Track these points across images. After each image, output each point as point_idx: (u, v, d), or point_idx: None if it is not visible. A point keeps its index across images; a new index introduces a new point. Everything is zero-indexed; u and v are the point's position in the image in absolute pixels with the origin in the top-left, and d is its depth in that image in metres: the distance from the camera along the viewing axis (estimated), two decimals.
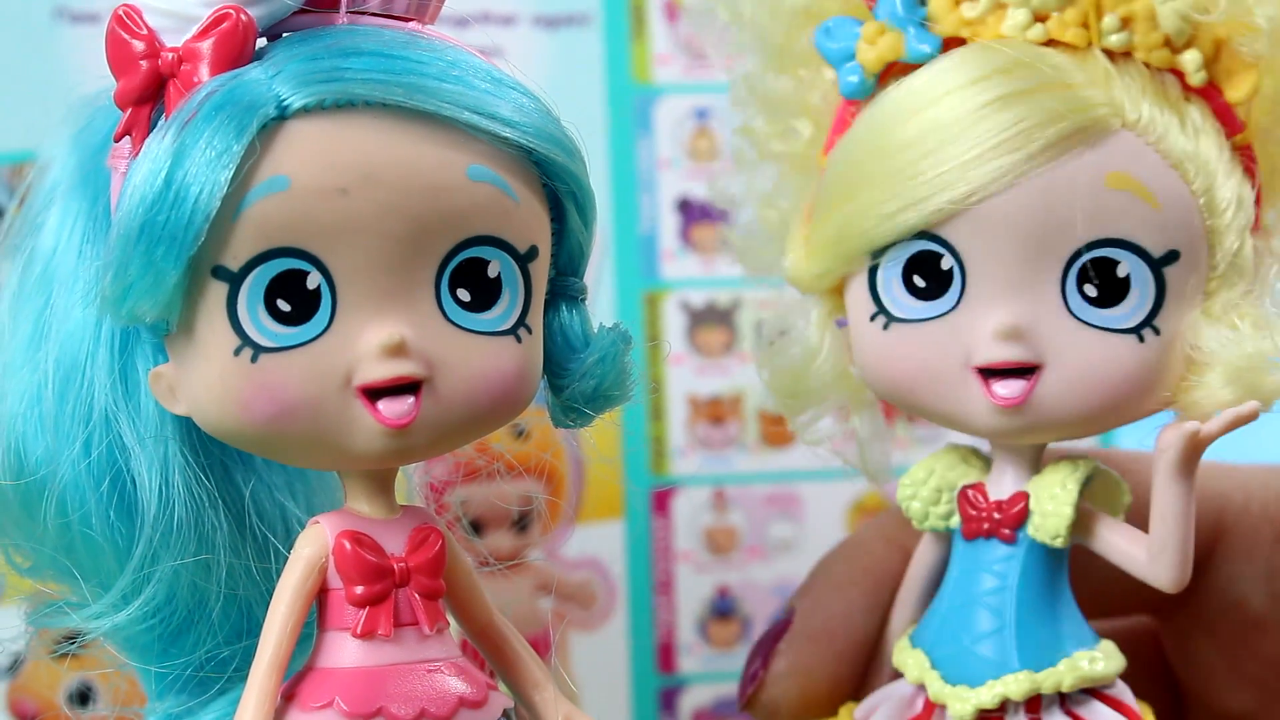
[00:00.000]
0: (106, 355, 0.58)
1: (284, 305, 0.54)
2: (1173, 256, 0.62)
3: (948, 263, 0.62)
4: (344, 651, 0.57)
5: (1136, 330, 0.62)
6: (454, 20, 0.61)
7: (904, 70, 0.64)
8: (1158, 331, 0.63)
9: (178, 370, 0.56)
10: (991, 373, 0.62)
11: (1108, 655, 0.66)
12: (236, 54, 0.54)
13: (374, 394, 0.55)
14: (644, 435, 1.04)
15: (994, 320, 0.62)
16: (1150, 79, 0.63)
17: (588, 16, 1.03)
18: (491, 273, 0.56)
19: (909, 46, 0.63)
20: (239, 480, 0.60)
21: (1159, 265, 0.62)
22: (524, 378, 0.57)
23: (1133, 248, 0.62)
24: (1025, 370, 0.62)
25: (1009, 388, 0.62)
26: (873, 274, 0.63)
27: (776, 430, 1.04)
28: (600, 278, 1.02)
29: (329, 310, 0.54)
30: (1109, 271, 0.62)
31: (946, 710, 0.65)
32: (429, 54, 0.56)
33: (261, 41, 0.55)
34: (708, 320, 1.04)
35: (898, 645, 0.68)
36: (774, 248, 0.70)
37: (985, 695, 0.64)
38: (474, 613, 0.61)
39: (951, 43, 0.63)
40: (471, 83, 0.56)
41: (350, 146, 0.54)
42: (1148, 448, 0.64)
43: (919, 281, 0.63)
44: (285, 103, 0.53)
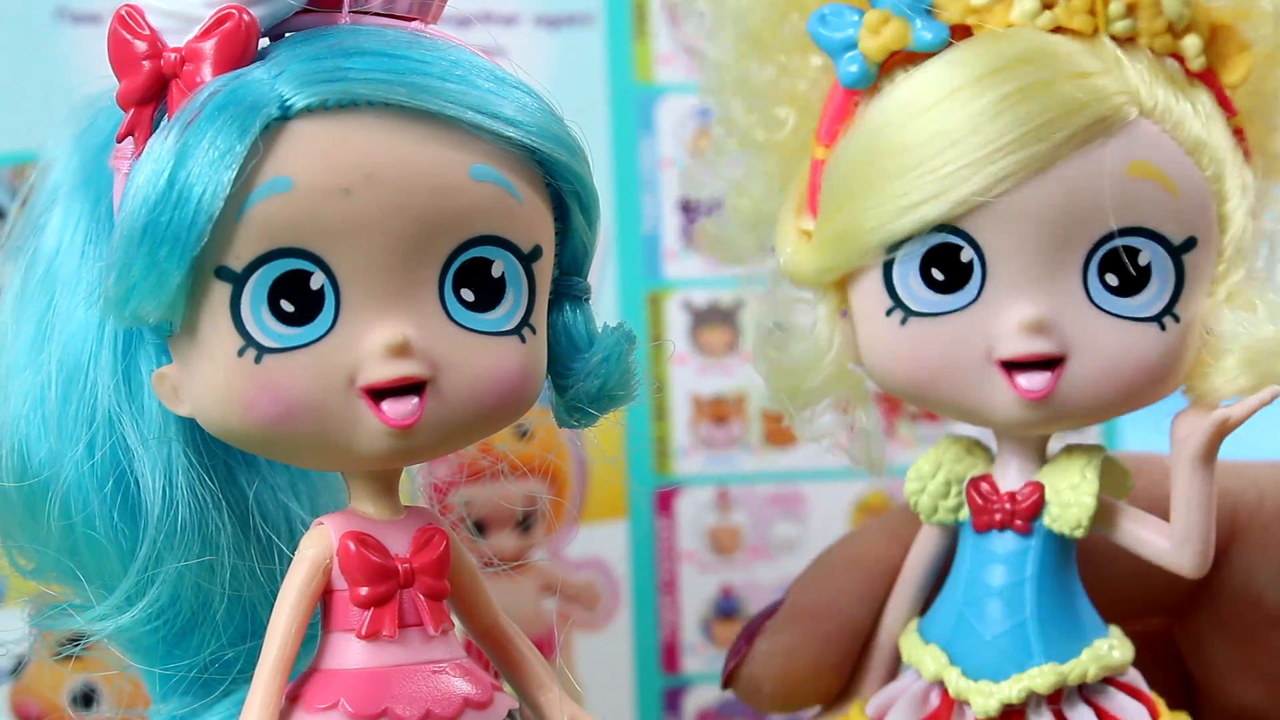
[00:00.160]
0: (110, 356, 0.58)
1: (287, 306, 0.54)
2: (1191, 244, 0.62)
3: (967, 255, 0.62)
4: (349, 653, 0.56)
5: (1158, 318, 0.62)
6: (456, 20, 0.61)
7: (906, 59, 0.63)
8: (1177, 319, 0.63)
9: (181, 371, 0.56)
10: (1014, 365, 0.62)
11: (1121, 641, 0.66)
12: (239, 54, 0.54)
13: (378, 394, 0.54)
14: (647, 435, 1.03)
15: (1018, 313, 0.62)
16: (1158, 65, 0.63)
17: (590, 16, 1.03)
18: (495, 272, 0.56)
19: (916, 35, 0.62)
20: (243, 481, 0.60)
21: (1179, 253, 0.62)
22: (528, 378, 0.57)
23: (1154, 236, 0.62)
24: (1048, 362, 0.62)
25: (1034, 380, 0.62)
26: (888, 268, 0.63)
27: (780, 430, 1.04)
28: (603, 278, 1.02)
29: (332, 311, 0.54)
30: (1130, 260, 0.62)
31: (968, 706, 0.65)
32: (432, 54, 0.56)
33: (264, 41, 0.55)
34: (710, 320, 1.04)
35: (906, 639, 0.68)
36: (749, 238, 0.70)
37: (1010, 689, 0.64)
38: (479, 613, 0.61)
39: (957, 30, 0.63)
40: (475, 82, 0.56)
41: (353, 146, 0.54)
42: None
43: (938, 275, 0.62)
44: (288, 103, 0.53)
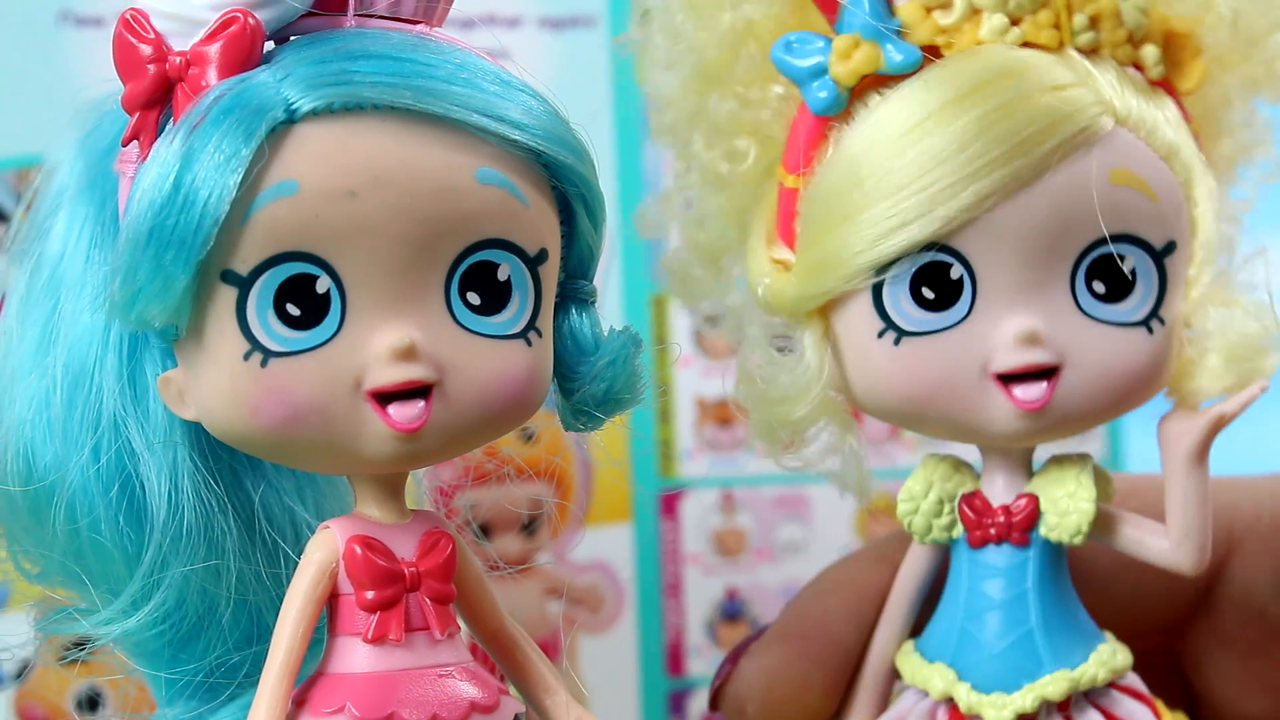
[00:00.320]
0: (115, 360, 0.58)
1: (293, 309, 0.54)
2: (1171, 247, 0.63)
3: (956, 272, 0.62)
4: (355, 657, 0.56)
5: (1145, 322, 0.63)
6: (460, 22, 0.61)
7: (878, 82, 0.63)
8: (1163, 322, 0.63)
9: (187, 375, 0.56)
10: (1010, 377, 0.62)
11: (1121, 645, 0.66)
12: (244, 57, 0.54)
13: (384, 398, 0.54)
14: (652, 438, 1.03)
15: (1012, 325, 0.62)
16: (1124, 74, 0.64)
17: (593, 18, 1.02)
18: (501, 276, 0.56)
19: (888, 58, 0.62)
20: (248, 485, 0.60)
21: (1161, 257, 0.63)
22: (534, 381, 0.57)
23: (1138, 241, 0.63)
24: (1043, 372, 0.62)
25: (1031, 391, 0.62)
26: (877, 290, 0.62)
27: None
28: (607, 280, 1.02)
29: (338, 314, 0.54)
30: (1115, 267, 0.63)
31: (981, 719, 0.65)
32: (437, 56, 0.56)
33: (269, 45, 0.55)
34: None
35: (906, 661, 0.67)
36: (709, 273, 0.69)
37: (1024, 699, 0.64)
38: (485, 617, 0.61)
39: (925, 50, 0.62)
40: (480, 85, 0.56)
41: (359, 150, 0.53)
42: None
43: (928, 293, 0.62)
44: (294, 106, 0.53)
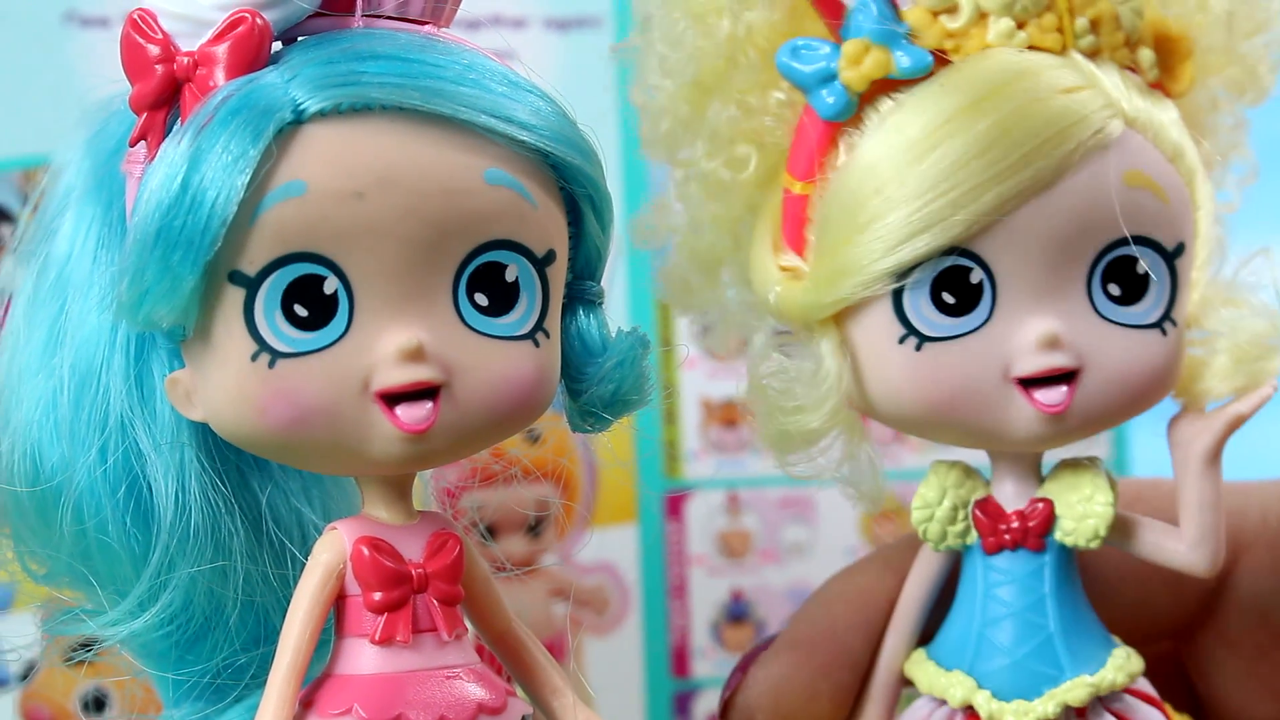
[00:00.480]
0: (122, 361, 0.58)
1: (301, 310, 0.54)
2: (1181, 249, 0.63)
3: (976, 276, 0.62)
4: (362, 658, 0.56)
5: (1159, 324, 0.63)
6: (465, 23, 0.61)
7: (886, 87, 0.62)
8: (1174, 323, 0.63)
9: (194, 376, 0.56)
10: (1030, 381, 0.62)
11: (1131, 649, 0.66)
12: (252, 58, 0.54)
13: (392, 399, 0.54)
14: (657, 439, 1.03)
15: (1033, 329, 0.62)
16: (1127, 77, 0.64)
17: (599, 19, 1.02)
18: (509, 277, 0.56)
19: (899, 63, 0.62)
20: (255, 486, 0.60)
21: (1172, 258, 0.63)
22: (542, 382, 0.57)
23: (1151, 243, 0.62)
24: (1063, 376, 0.62)
25: (1052, 395, 0.62)
26: (897, 296, 0.62)
27: None
28: (612, 281, 1.02)
29: (346, 315, 0.54)
30: (1129, 270, 0.63)
31: None
32: (445, 57, 0.56)
33: (277, 45, 0.55)
34: None
35: (921, 669, 0.67)
36: (705, 281, 0.69)
37: (1046, 706, 0.64)
38: (492, 619, 0.61)
39: (934, 54, 0.62)
40: (488, 86, 0.55)
41: (367, 150, 0.53)
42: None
43: (948, 298, 0.62)
44: (301, 107, 0.53)
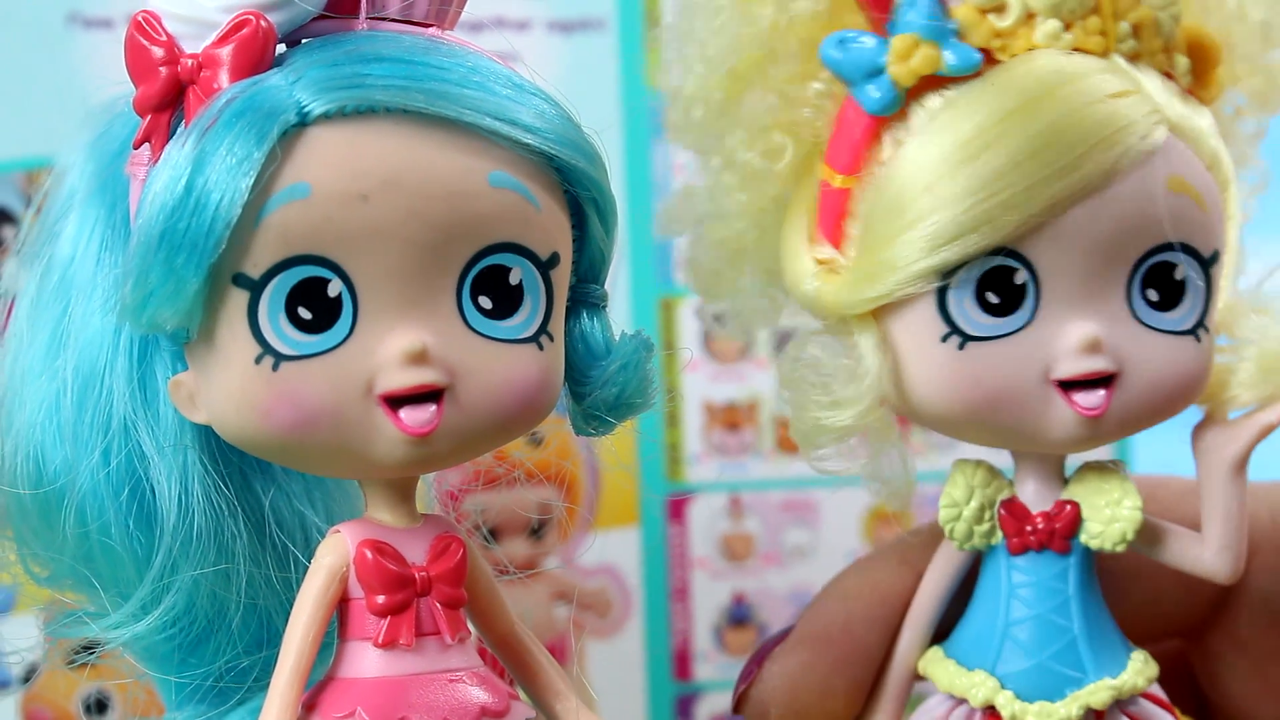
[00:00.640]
0: (125, 363, 0.58)
1: (305, 313, 0.54)
2: (1216, 256, 0.63)
3: (1021, 277, 0.61)
4: (365, 661, 0.56)
5: (1193, 331, 0.63)
6: (468, 25, 0.61)
7: (933, 83, 0.62)
8: (1207, 330, 0.63)
9: (198, 378, 0.56)
10: (1069, 384, 0.62)
11: (1147, 653, 0.66)
12: (256, 60, 0.54)
13: (396, 402, 0.54)
14: (660, 442, 1.03)
15: (1075, 332, 0.62)
16: (1167, 82, 0.63)
17: (602, 21, 1.02)
18: (513, 280, 0.56)
19: (948, 60, 0.61)
20: (258, 489, 0.60)
21: (1208, 265, 0.63)
22: (546, 385, 0.57)
23: (1189, 250, 0.62)
24: (1102, 379, 0.62)
25: (1091, 398, 0.62)
26: (941, 294, 0.61)
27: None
28: (615, 283, 1.01)
29: (350, 318, 0.54)
30: (1168, 276, 0.62)
31: None
32: (450, 60, 0.55)
33: (281, 48, 0.55)
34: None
35: (941, 667, 0.67)
36: (732, 270, 0.69)
37: (1070, 708, 0.64)
38: (495, 622, 0.60)
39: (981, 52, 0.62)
40: (492, 88, 0.55)
41: (371, 153, 0.53)
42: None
43: (992, 298, 0.62)
44: (306, 109, 0.53)
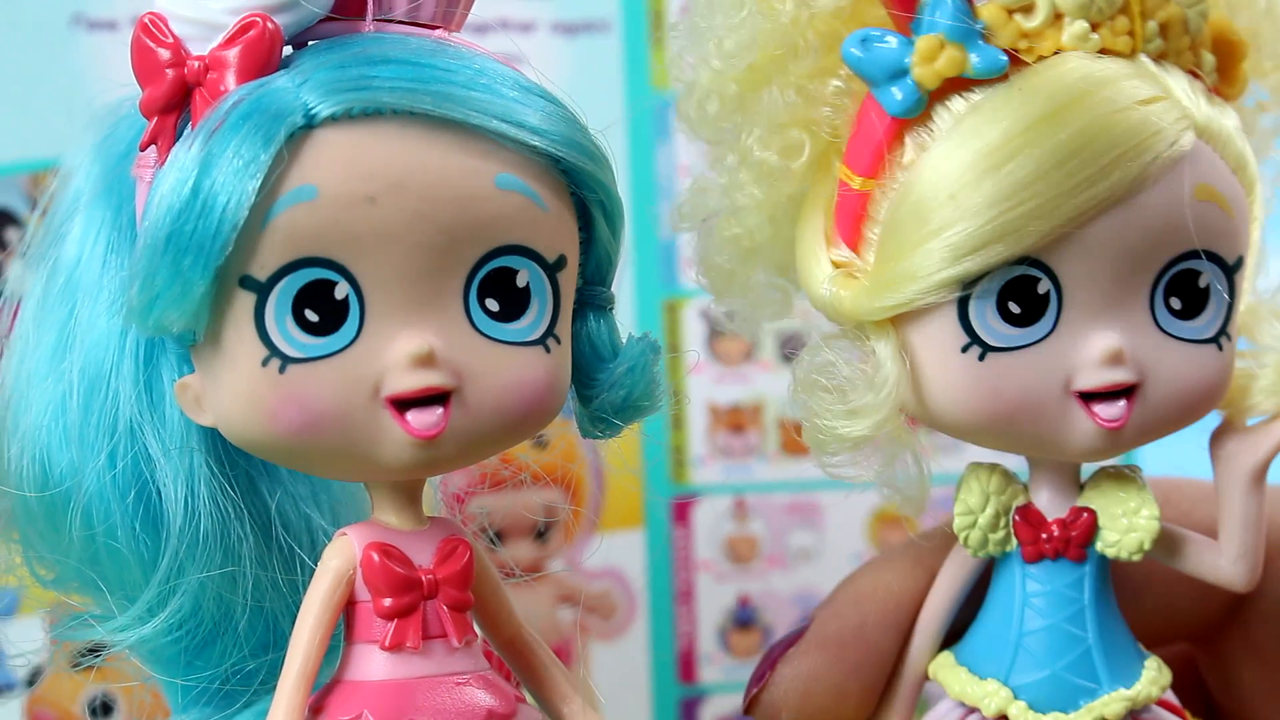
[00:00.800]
0: (131, 366, 0.58)
1: (312, 315, 0.54)
2: (1240, 263, 0.62)
3: (1044, 287, 0.60)
4: (372, 664, 0.56)
5: (1215, 339, 0.62)
6: (473, 27, 0.61)
7: (958, 85, 0.60)
8: (1229, 338, 0.63)
9: (204, 381, 0.56)
10: (1089, 395, 0.61)
11: (1160, 660, 0.66)
12: (263, 62, 0.54)
13: (402, 405, 0.54)
14: (664, 444, 1.03)
15: (1098, 344, 0.61)
16: (1194, 83, 0.62)
17: (607, 23, 1.02)
18: (520, 282, 0.56)
19: (974, 62, 0.60)
20: (264, 491, 0.60)
21: (1232, 272, 0.62)
22: (553, 388, 0.57)
23: (1213, 257, 0.61)
24: (1123, 390, 0.61)
25: (1112, 410, 0.61)
26: (963, 303, 0.60)
27: (797, 439, 1.04)
28: (620, 285, 1.01)
29: (357, 320, 0.54)
30: (1191, 283, 0.62)
31: None
32: (456, 62, 0.55)
33: (288, 50, 0.55)
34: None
35: (953, 674, 0.66)
36: (745, 269, 0.68)
37: (1084, 719, 0.64)
38: (502, 625, 0.60)
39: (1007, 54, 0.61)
40: (499, 91, 0.55)
41: (378, 155, 0.53)
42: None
43: (1014, 308, 0.61)
44: (313, 111, 0.53)
